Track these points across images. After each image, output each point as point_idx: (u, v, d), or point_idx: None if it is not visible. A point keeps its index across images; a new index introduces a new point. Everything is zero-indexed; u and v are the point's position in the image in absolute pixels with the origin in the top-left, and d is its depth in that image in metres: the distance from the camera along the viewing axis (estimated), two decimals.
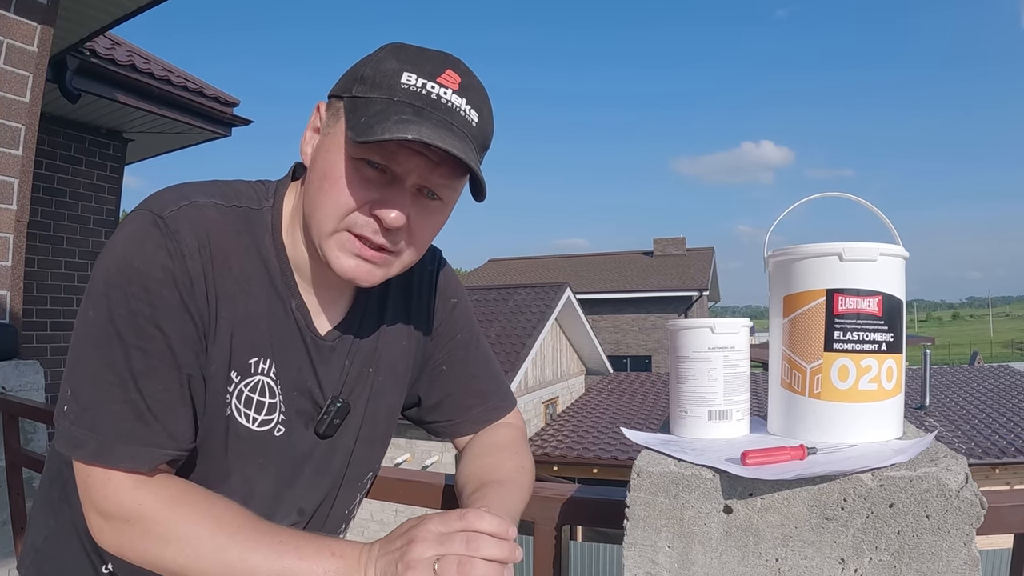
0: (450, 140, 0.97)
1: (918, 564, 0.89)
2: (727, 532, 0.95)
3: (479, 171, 1.01)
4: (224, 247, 1.06)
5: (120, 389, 0.98)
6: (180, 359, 1.02)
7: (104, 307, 0.98)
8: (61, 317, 7.40)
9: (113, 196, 7.94)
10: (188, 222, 1.03)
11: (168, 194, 1.06)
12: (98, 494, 0.99)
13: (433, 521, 0.95)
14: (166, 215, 1.02)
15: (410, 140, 0.95)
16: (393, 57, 1.03)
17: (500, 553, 0.92)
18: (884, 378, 1.06)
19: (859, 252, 1.05)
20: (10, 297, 3.83)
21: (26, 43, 3.90)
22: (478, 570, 0.89)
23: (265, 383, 1.12)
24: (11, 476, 3.27)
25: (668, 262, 33.07)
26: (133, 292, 0.98)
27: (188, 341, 1.03)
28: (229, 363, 1.08)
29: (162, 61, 7.47)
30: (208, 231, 1.05)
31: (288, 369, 1.14)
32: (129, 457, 0.98)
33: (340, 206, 1.03)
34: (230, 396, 1.09)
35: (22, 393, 3.49)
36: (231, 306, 1.07)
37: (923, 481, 0.89)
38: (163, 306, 0.99)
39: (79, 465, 1.00)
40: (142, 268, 0.99)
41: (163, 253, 1.00)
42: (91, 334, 0.99)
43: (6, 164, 3.83)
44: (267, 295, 1.12)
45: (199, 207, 1.06)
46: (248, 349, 1.10)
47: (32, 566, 1.28)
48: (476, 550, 0.91)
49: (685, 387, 1.16)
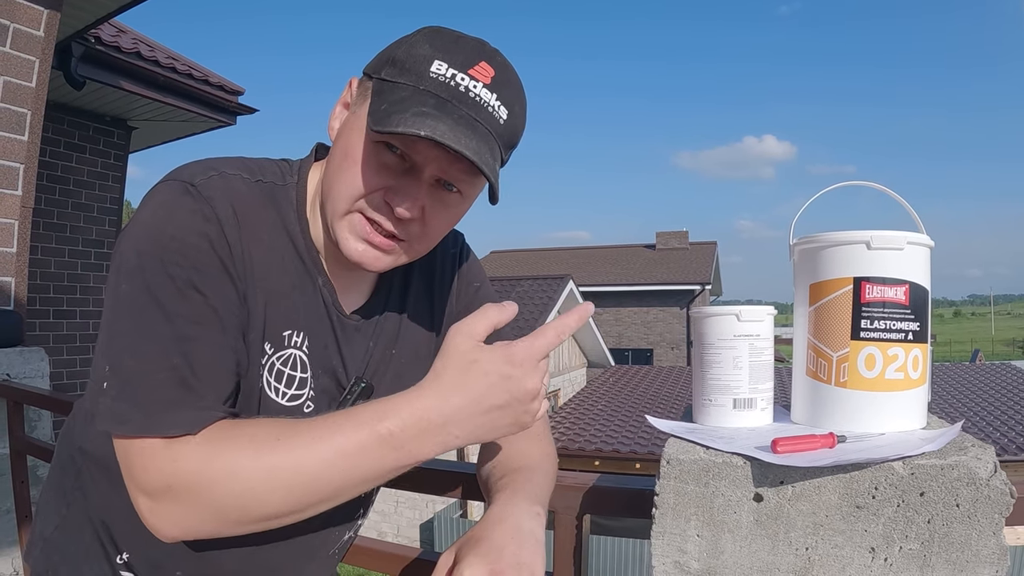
0: (467, 139, 0.94)
1: (948, 553, 0.88)
2: (757, 520, 0.95)
3: (492, 177, 0.98)
4: (253, 219, 1.03)
5: (164, 358, 0.93)
6: (225, 323, 0.98)
7: (139, 278, 0.93)
8: (64, 305, 7.40)
9: (117, 184, 7.93)
10: (219, 190, 1.00)
11: (195, 166, 1.03)
12: (139, 468, 0.92)
13: (464, 324, 0.96)
14: (197, 183, 0.99)
15: (422, 137, 0.92)
16: (427, 42, 1.00)
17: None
18: (910, 367, 1.06)
19: (887, 240, 1.04)
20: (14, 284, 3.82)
21: (33, 28, 3.89)
22: None
23: (298, 357, 1.09)
24: (15, 464, 3.27)
25: (671, 256, 33.07)
26: (169, 258, 0.93)
27: (231, 305, 0.99)
28: (264, 334, 1.05)
29: (167, 49, 7.46)
30: (238, 202, 1.02)
31: (316, 345, 1.12)
32: (174, 424, 0.91)
33: (355, 187, 1.01)
34: (263, 368, 1.06)
35: (27, 380, 3.49)
36: (265, 275, 1.04)
37: (954, 469, 0.88)
38: (203, 270, 0.95)
39: (120, 444, 0.94)
40: (176, 234, 0.94)
41: (199, 218, 0.96)
42: (128, 307, 0.94)
43: (11, 149, 3.82)
44: (296, 269, 1.09)
45: (227, 178, 1.03)
46: (282, 321, 1.07)
47: (41, 556, 1.25)
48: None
49: (710, 375, 1.15)
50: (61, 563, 1.21)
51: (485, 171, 0.95)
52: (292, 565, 1.23)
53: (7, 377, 3.40)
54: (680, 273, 30.35)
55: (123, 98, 7.06)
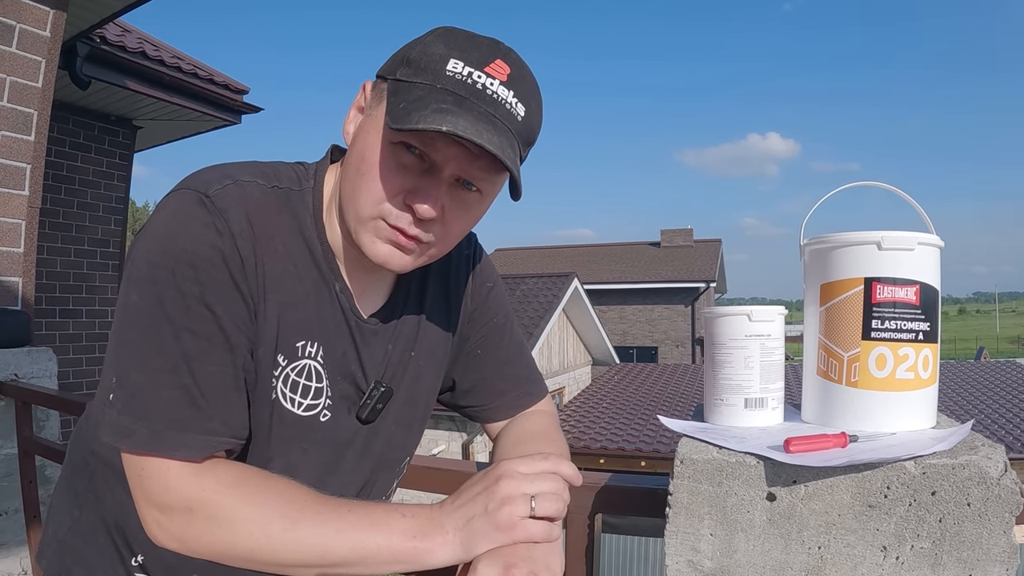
0: (488, 134, 0.94)
1: (958, 552, 0.89)
2: (770, 519, 0.95)
3: (515, 170, 0.98)
4: (269, 227, 1.04)
5: (171, 375, 0.94)
6: (233, 340, 0.99)
7: (150, 290, 0.94)
8: (70, 304, 7.42)
9: (123, 183, 7.95)
10: (234, 201, 1.00)
11: (210, 173, 1.04)
12: (157, 486, 0.95)
13: (514, 462, 1.00)
14: (211, 193, 0.99)
15: (444, 132, 0.92)
16: (441, 42, 1.00)
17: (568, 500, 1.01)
18: (920, 367, 1.06)
19: (898, 241, 1.05)
20: (22, 284, 3.83)
21: (39, 28, 3.90)
22: (563, 508, 0.99)
23: (312, 367, 1.10)
24: (23, 464, 3.27)
25: (675, 253, 33.04)
26: (181, 272, 0.94)
27: (240, 322, 1.00)
28: (276, 346, 1.06)
29: (172, 48, 7.47)
30: (253, 211, 1.02)
31: (333, 353, 1.12)
32: (182, 445, 0.94)
33: (376, 192, 1.01)
34: (276, 380, 1.07)
35: (35, 380, 3.49)
36: (279, 287, 1.05)
37: (965, 469, 0.89)
38: (213, 286, 0.96)
39: (129, 457, 0.97)
40: (189, 247, 0.95)
41: (211, 231, 0.96)
42: (137, 318, 0.96)
43: (18, 150, 3.82)
44: (312, 277, 1.10)
45: (243, 186, 1.03)
46: (295, 332, 1.07)
47: (54, 557, 1.25)
48: (562, 491, 0.99)
49: (721, 375, 1.16)
50: (75, 565, 1.22)
51: (508, 164, 0.95)
52: None
53: (15, 377, 3.40)
54: (685, 271, 30.33)
55: (128, 97, 7.08)
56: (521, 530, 0.94)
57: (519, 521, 0.94)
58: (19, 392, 3.21)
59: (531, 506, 0.95)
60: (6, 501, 3.30)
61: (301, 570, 0.95)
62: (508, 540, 0.94)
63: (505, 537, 0.94)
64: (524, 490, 0.96)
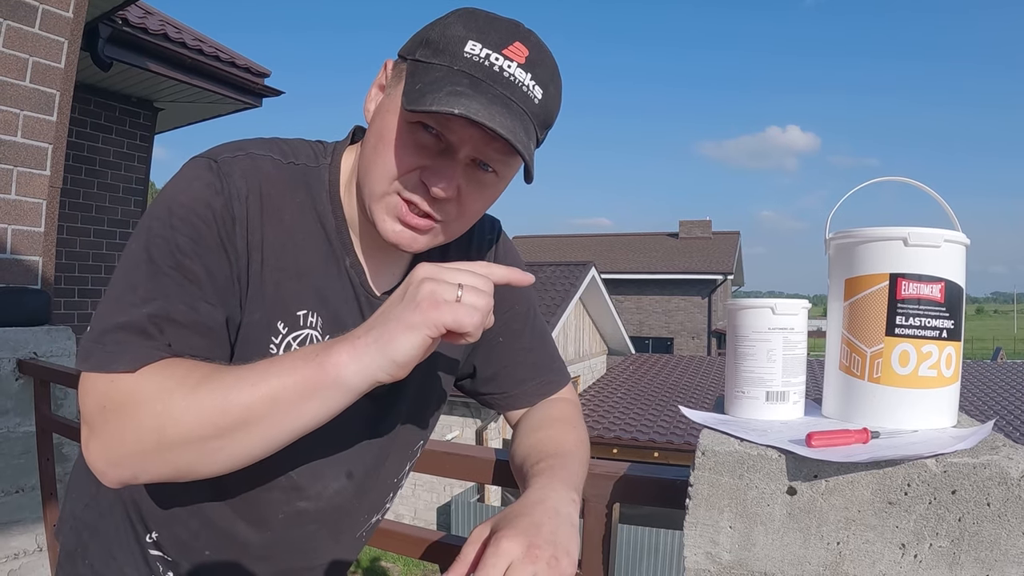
0: (501, 118, 0.94)
1: (977, 551, 0.88)
2: (790, 514, 0.95)
3: (527, 154, 0.98)
4: (277, 200, 1.06)
5: (135, 307, 0.95)
6: (205, 291, 0.99)
7: (143, 238, 0.98)
8: (89, 284, 7.47)
9: (143, 165, 7.99)
10: (241, 169, 1.03)
11: (226, 146, 1.07)
12: (81, 398, 0.95)
13: (421, 267, 0.92)
14: (220, 159, 1.03)
15: (456, 115, 0.92)
16: (461, 23, 1.00)
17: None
18: (943, 365, 1.06)
19: (924, 237, 1.04)
20: (42, 263, 3.84)
21: (62, 9, 3.90)
22: (489, 304, 0.91)
23: (313, 337, 1.10)
24: (41, 441, 3.29)
25: (693, 245, 32.95)
26: (172, 223, 0.97)
27: (218, 277, 1.00)
28: (276, 313, 1.07)
29: (194, 31, 7.49)
30: (262, 182, 1.05)
31: (339, 326, 1.12)
32: (119, 361, 0.93)
33: (391, 168, 1.02)
34: (275, 348, 1.07)
35: (53, 359, 3.51)
36: (279, 256, 1.06)
37: (986, 468, 0.88)
38: (198, 238, 0.98)
39: (79, 383, 0.96)
40: (185, 202, 0.99)
41: (209, 191, 1.00)
42: (125, 260, 0.99)
43: (40, 129, 3.84)
44: (320, 251, 1.11)
45: (255, 158, 1.06)
46: (296, 301, 1.08)
47: (71, 533, 1.27)
48: (490, 288, 0.92)
49: (743, 367, 1.15)
50: (91, 540, 1.23)
51: (519, 148, 0.95)
52: (318, 546, 1.24)
53: (34, 355, 3.42)
54: (703, 263, 30.24)
55: (149, 79, 7.10)
56: (448, 311, 0.86)
57: (443, 302, 0.87)
58: (38, 370, 3.23)
59: (457, 294, 0.88)
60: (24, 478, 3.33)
61: (214, 443, 0.89)
62: (432, 322, 0.86)
63: (428, 318, 0.86)
64: (447, 278, 0.89)
